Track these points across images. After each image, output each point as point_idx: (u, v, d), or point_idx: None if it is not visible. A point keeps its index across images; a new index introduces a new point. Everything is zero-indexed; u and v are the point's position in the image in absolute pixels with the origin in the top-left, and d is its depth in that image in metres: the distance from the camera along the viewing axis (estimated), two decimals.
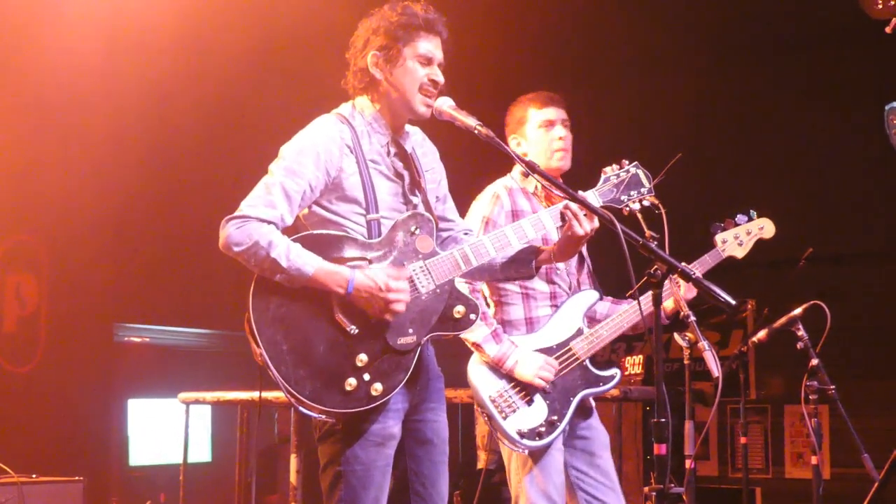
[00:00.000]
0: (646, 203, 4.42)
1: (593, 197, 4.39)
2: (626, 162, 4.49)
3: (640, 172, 4.48)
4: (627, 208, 4.45)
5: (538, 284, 5.04)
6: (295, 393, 3.73)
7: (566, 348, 5.00)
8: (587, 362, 5.02)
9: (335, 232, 3.91)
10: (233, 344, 10.12)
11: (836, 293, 5.95)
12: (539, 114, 5.17)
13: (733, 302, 3.73)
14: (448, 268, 3.96)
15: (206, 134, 8.73)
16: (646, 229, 4.38)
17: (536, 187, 5.14)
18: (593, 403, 5.21)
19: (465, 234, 4.33)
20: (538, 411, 4.87)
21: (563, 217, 4.15)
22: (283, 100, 8.09)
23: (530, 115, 5.18)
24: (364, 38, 4.06)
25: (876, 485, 5.26)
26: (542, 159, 5.10)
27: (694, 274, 3.75)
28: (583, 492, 5.04)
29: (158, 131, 8.64)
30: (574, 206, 4.10)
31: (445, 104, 4.04)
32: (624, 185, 4.44)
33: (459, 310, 3.97)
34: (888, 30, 5.17)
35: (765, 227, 5.28)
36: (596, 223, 4.12)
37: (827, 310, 5.54)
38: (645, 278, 3.78)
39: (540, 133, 5.15)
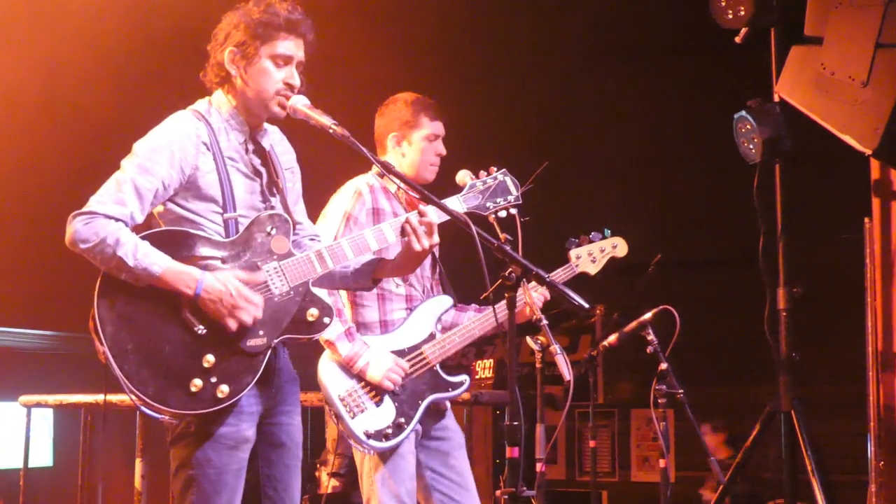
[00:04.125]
0: (512, 211, 4.40)
1: (457, 203, 4.35)
2: (495, 169, 4.46)
3: (508, 180, 4.46)
4: (493, 215, 4.42)
5: (393, 287, 5.01)
6: (137, 392, 3.63)
7: (418, 352, 4.98)
8: (437, 367, 5.01)
9: (188, 229, 3.80)
10: (76, 346, 9.92)
11: (683, 299, 6.02)
12: (432, 125, 5.15)
13: (587, 305, 3.75)
14: (303, 270, 3.89)
15: (50, 133, 8.51)
16: (500, 232, 4.36)
17: (399, 187, 5.10)
18: (448, 405, 5.21)
19: (312, 239, 4.23)
20: (386, 413, 4.85)
21: (403, 231, 4.09)
22: (140, 98, 7.92)
23: (423, 123, 5.15)
24: (225, 31, 3.97)
25: (721, 487, 5.36)
26: (417, 168, 5.11)
27: (548, 277, 3.75)
28: (438, 492, 5.05)
29: (3, 132, 8.41)
30: (414, 221, 4.04)
31: (300, 102, 3.94)
32: (490, 191, 4.40)
33: (313, 312, 3.91)
34: (738, 39, 5.27)
35: (618, 246, 5.36)
36: (436, 239, 4.07)
37: (676, 315, 5.63)
38: (500, 281, 3.77)
39: (425, 144, 5.13)
